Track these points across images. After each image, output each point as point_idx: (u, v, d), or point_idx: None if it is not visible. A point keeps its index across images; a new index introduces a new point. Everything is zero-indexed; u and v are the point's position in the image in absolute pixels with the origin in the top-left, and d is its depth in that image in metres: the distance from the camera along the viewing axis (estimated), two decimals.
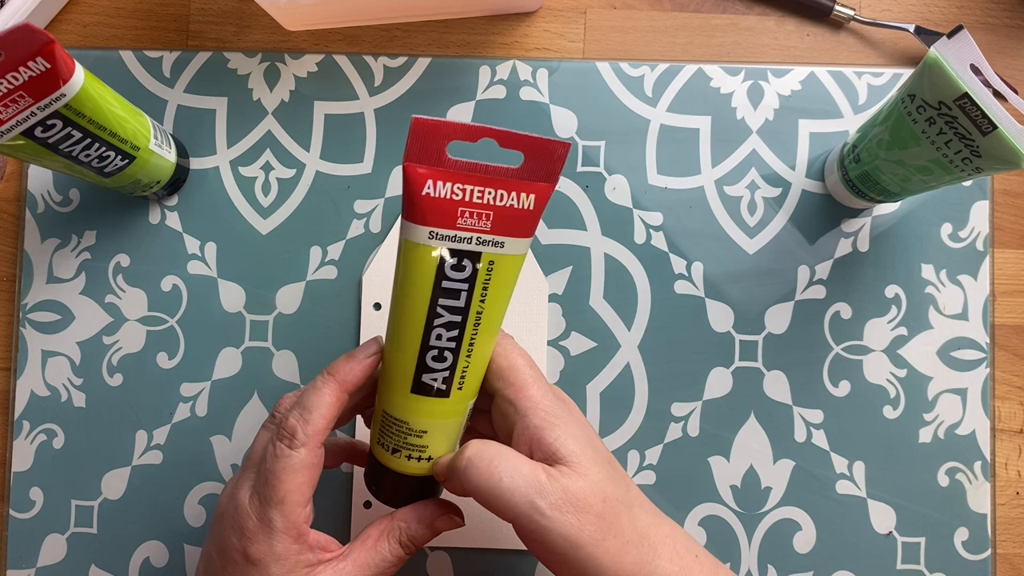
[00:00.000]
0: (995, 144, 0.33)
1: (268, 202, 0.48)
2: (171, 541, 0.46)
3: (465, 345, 0.32)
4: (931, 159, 0.37)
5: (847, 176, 0.43)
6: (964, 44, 0.33)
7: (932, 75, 0.34)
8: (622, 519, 0.32)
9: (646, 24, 0.49)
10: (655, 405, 0.46)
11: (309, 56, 0.49)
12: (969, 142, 0.34)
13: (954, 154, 0.35)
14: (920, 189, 0.40)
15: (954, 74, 0.33)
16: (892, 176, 0.40)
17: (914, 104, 0.35)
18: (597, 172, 0.48)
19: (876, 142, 0.39)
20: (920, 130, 0.36)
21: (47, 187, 0.48)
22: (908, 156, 0.38)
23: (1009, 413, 0.47)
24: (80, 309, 0.47)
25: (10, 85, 0.35)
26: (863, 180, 0.42)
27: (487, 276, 0.32)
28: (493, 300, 0.32)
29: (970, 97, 0.33)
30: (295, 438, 0.33)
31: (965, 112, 0.33)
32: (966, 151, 0.35)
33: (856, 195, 0.44)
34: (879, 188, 0.42)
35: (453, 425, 0.34)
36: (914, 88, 0.35)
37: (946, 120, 0.34)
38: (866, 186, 0.43)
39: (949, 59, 0.33)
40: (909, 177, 0.39)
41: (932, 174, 0.38)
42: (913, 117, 0.36)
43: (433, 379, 0.33)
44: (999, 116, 0.33)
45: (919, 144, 0.37)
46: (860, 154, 0.41)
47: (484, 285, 0.32)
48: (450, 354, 0.32)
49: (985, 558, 0.45)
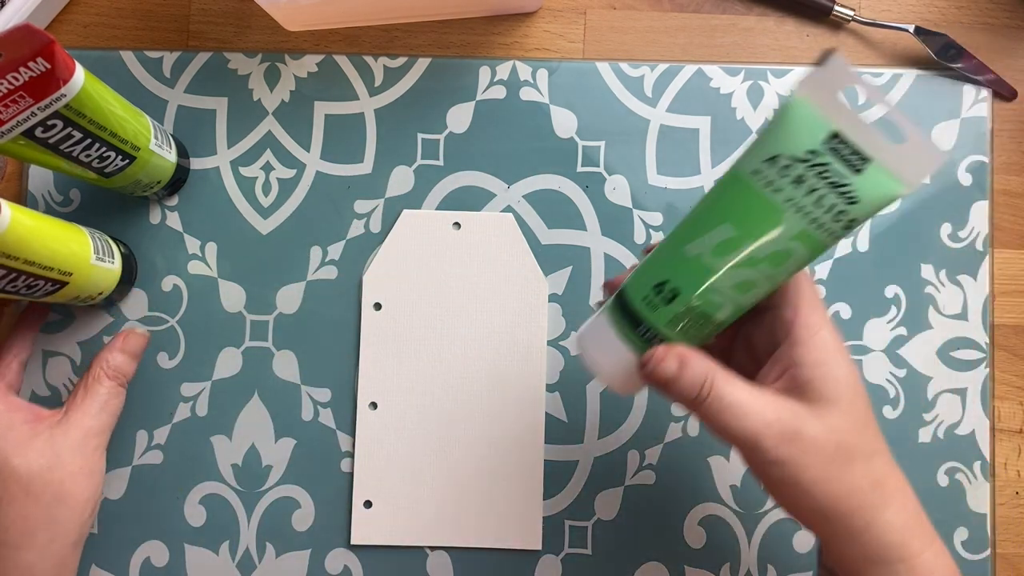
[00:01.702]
0: (871, 181, 0.29)
1: (268, 202, 0.48)
2: (171, 541, 0.46)
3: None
4: (796, 234, 0.30)
5: (651, 332, 0.32)
6: (835, 71, 0.29)
7: (799, 121, 0.29)
8: (856, 466, 0.31)
9: (646, 24, 0.49)
10: (655, 405, 0.46)
11: (309, 56, 0.49)
12: (843, 188, 0.29)
13: (825, 213, 0.29)
14: (752, 301, 0.32)
15: (821, 113, 0.29)
16: (733, 293, 0.31)
17: (776, 168, 0.29)
18: (597, 172, 0.48)
19: (714, 248, 0.31)
20: (784, 199, 0.29)
21: (47, 187, 0.48)
22: (765, 246, 0.30)
23: (1009, 413, 0.47)
24: (80, 309, 0.47)
25: (10, 85, 0.35)
26: (684, 325, 0.32)
27: None
28: None
29: (840, 136, 0.29)
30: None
31: (837, 154, 0.29)
32: (841, 201, 0.29)
33: (647, 342, 0.32)
34: (705, 325, 0.32)
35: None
36: (777, 147, 0.30)
37: (817, 172, 0.29)
38: (688, 332, 0.32)
39: (816, 95, 0.29)
40: (753, 282, 0.31)
41: (788, 259, 0.30)
42: (775, 186, 0.30)
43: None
44: (878, 146, 0.29)
45: (781, 221, 0.30)
46: (678, 286, 0.31)
47: None
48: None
49: (985, 558, 0.45)
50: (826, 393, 0.31)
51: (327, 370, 0.47)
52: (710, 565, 0.46)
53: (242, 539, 0.46)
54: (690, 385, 0.31)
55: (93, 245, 0.43)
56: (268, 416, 0.47)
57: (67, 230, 0.41)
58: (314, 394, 0.47)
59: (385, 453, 0.46)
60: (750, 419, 0.30)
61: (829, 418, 0.30)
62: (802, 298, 0.32)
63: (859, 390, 0.32)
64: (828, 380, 0.31)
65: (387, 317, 0.47)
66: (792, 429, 0.30)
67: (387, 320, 0.47)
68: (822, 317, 0.32)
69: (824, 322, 0.32)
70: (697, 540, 0.46)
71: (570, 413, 0.46)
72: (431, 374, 0.46)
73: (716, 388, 0.30)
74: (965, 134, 0.48)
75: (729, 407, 0.30)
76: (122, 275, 0.45)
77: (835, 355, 0.31)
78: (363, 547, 0.46)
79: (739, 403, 0.30)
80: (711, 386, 0.31)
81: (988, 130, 0.48)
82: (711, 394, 0.30)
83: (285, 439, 0.47)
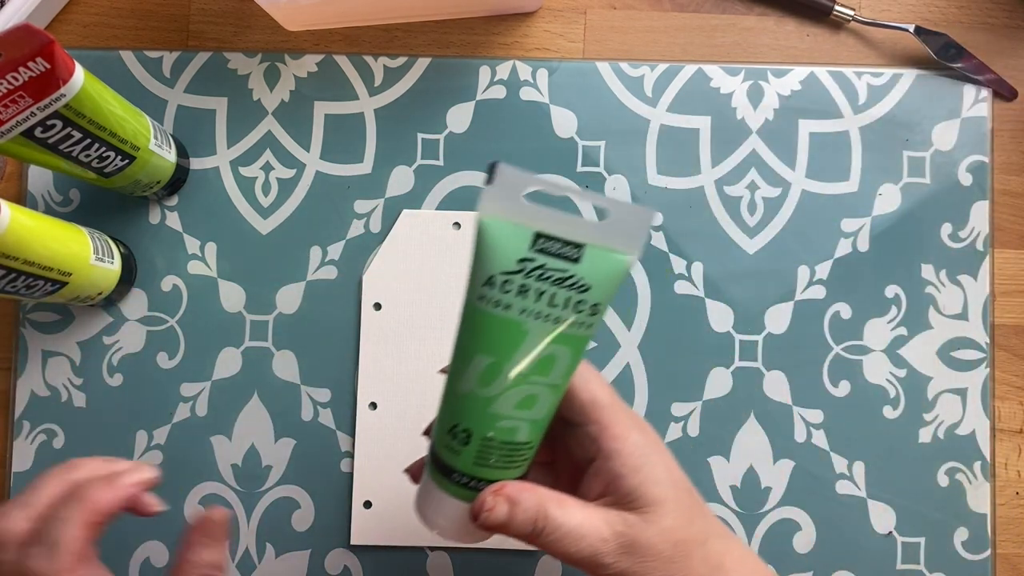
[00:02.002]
0: (593, 264, 0.28)
1: (268, 202, 0.48)
2: (171, 541, 0.46)
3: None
4: (548, 339, 0.29)
5: (465, 477, 0.31)
6: (508, 180, 0.28)
7: (496, 238, 0.29)
8: (694, 559, 0.31)
9: (646, 24, 0.49)
10: (655, 405, 0.46)
11: (309, 56, 0.49)
12: (569, 281, 0.29)
13: (564, 309, 0.29)
14: (547, 411, 0.31)
15: (515, 221, 0.28)
16: (520, 413, 0.30)
17: (496, 288, 0.29)
18: (597, 172, 0.48)
19: (479, 380, 0.30)
20: (519, 312, 0.29)
21: (47, 187, 0.48)
22: (524, 361, 0.30)
23: (1009, 413, 0.47)
24: (80, 309, 0.47)
25: (10, 85, 0.35)
26: (493, 459, 0.31)
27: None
28: None
29: (544, 235, 0.28)
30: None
31: (548, 252, 0.28)
32: (573, 293, 0.29)
33: (469, 489, 0.31)
34: (515, 450, 0.31)
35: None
36: (489, 268, 0.29)
37: (536, 276, 0.28)
38: (502, 463, 0.31)
39: (501, 207, 0.28)
40: (534, 396, 0.30)
41: (554, 363, 0.30)
42: (504, 303, 0.29)
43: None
44: (584, 230, 0.28)
45: (526, 333, 0.29)
46: (468, 426, 0.31)
47: None
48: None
49: (985, 558, 0.45)
50: (650, 497, 0.31)
51: (327, 370, 0.47)
52: None
53: (242, 539, 0.46)
54: (524, 523, 0.31)
55: (93, 245, 0.43)
56: (268, 416, 0.47)
57: (67, 230, 0.41)
58: (314, 394, 0.47)
59: (385, 453, 0.46)
60: (587, 540, 0.31)
61: (660, 521, 0.31)
62: (601, 410, 0.32)
63: (680, 482, 0.33)
64: (649, 484, 0.31)
65: (387, 317, 0.47)
66: (628, 541, 0.31)
67: (387, 320, 0.47)
68: (626, 421, 0.33)
69: (631, 425, 0.32)
70: None
71: None
72: (431, 374, 0.46)
73: (550, 519, 0.31)
74: (965, 134, 0.48)
75: (567, 534, 0.31)
76: (122, 275, 0.45)
77: (649, 457, 0.32)
78: (363, 547, 0.46)
79: (574, 527, 0.31)
80: (545, 518, 0.31)
81: (988, 130, 0.48)
82: (546, 525, 0.31)
83: (285, 439, 0.47)
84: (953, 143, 0.48)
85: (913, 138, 0.48)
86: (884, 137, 0.48)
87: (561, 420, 0.34)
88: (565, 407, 0.33)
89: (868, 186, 0.47)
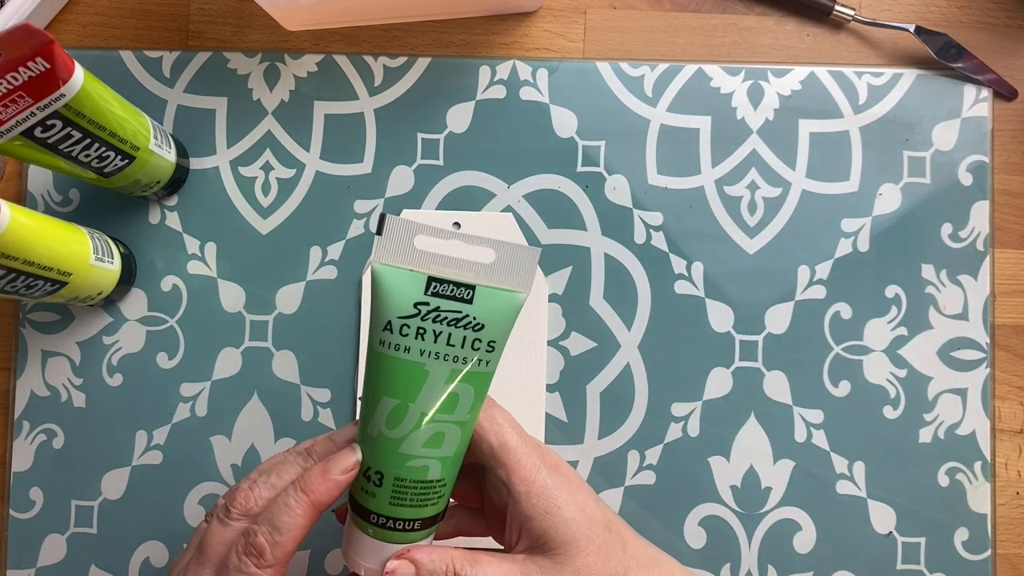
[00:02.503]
0: (485, 303, 0.30)
1: (268, 202, 0.48)
2: (171, 541, 0.46)
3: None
4: (448, 378, 0.31)
5: (382, 518, 0.32)
6: (398, 230, 0.30)
7: (390, 285, 0.30)
8: None
9: (646, 24, 0.49)
10: (655, 405, 0.46)
11: (309, 56, 0.49)
12: (464, 320, 0.30)
13: (462, 348, 0.30)
14: (456, 448, 0.32)
15: (408, 267, 0.30)
16: (428, 451, 0.31)
17: (395, 332, 0.30)
18: (597, 172, 0.48)
19: (387, 422, 0.31)
20: (418, 353, 0.30)
21: (47, 187, 0.48)
22: (428, 401, 0.31)
23: (1009, 413, 0.47)
24: (80, 309, 0.47)
25: (10, 85, 0.35)
26: (407, 498, 0.32)
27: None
28: None
29: (435, 279, 0.29)
30: (263, 557, 0.31)
31: (442, 295, 0.30)
32: (469, 332, 0.30)
33: (387, 529, 0.32)
34: (428, 488, 0.32)
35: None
36: (386, 314, 0.30)
37: (432, 317, 0.30)
38: (417, 501, 0.32)
39: (395, 256, 0.30)
40: (441, 434, 0.31)
41: (458, 401, 0.31)
42: (404, 345, 0.30)
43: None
44: (475, 271, 0.29)
45: (427, 374, 0.30)
46: (380, 468, 0.32)
47: None
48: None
49: (985, 558, 0.45)
50: (560, 538, 0.32)
51: (327, 370, 0.47)
52: (710, 565, 0.46)
53: None
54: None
55: (92, 245, 0.43)
56: (268, 416, 0.47)
57: (66, 230, 0.41)
58: (314, 394, 0.47)
59: None
60: None
61: (572, 561, 0.31)
62: (508, 453, 0.33)
63: (595, 519, 0.32)
64: (559, 526, 0.32)
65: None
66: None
67: None
68: (534, 463, 0.33)
69: (539, 466, 0.33)
70: (697, 540, 0.46)
71: (570, 413, 0.46)
72: None
73: (463, 575, 0.31)
74: (965, 134, 0.48)
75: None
76: (121, 275, 0.45)
77: (558, 498, 0.32)
78: None
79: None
80: (455, 575, 0.31)
81: (989, 130, 0.48)
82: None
83: (285, 439, 0.47)
84: (953, 143, 0.48)
85: (913, 138, 0.48)
86: (884, 137, 0.48)
87: (477, 465, 0.34)
88: (475, 451, 0.33)
89: (868, 186, 0.47)
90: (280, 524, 0.31)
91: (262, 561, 0.31)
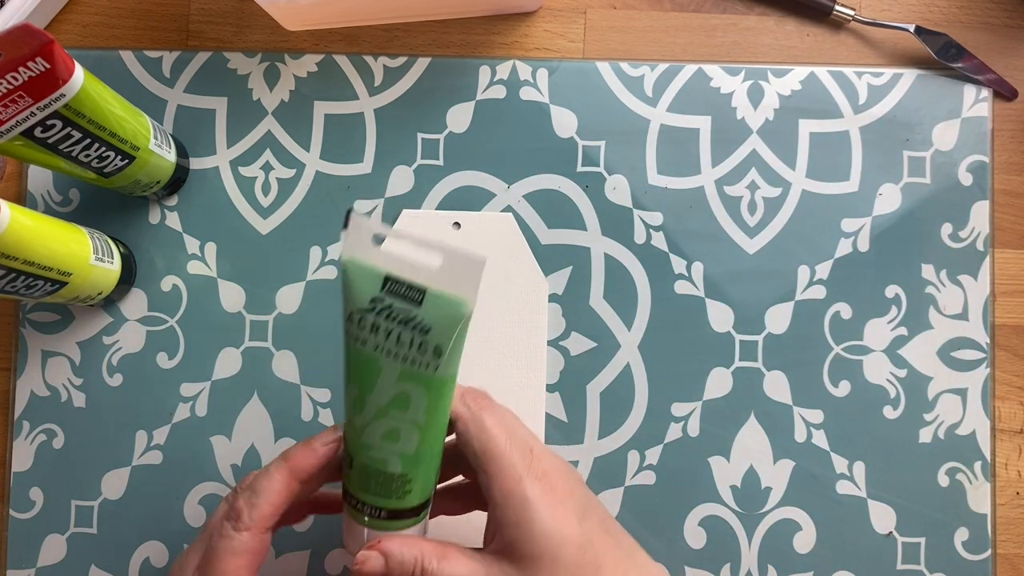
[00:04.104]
0: (433, 307, 0.30)
1: (268, 202, 0.48)
2: (171, 541, 0.46)
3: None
4: (399, 376, 0.31)
5: (360, 502, 0.33)
6: (362, 227, 0.31)
7: (354, 278, 0.31)
8: None
9: (646, 24, 0.49)
10: (655, 405, 0.46)
11: (309, 56, 0.49)
12: (413, 322, 0.31)
13: (410, 349, 0.31)
14: (414, 447, 0.33)
15: (369, 264, 0.30)
16: (385, 444, 0.32)
17: (355, 323, 0.31)
18: (597, 172, 0.48)
19: (351, 408, 0.33)
20: (373, 347, 0.31)
21: (47, 187, 0.48)
22: (381, 395, 0.32)
23: (1009, 413, 0.47)
24: (80, 309, 0.47)
25: (10, 85, 0.35)
26: (373, 486, 0.33)
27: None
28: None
29: (391, 277, 0.30)
30: (240, 520, 0.33)
31: (396, 294, 0.30)
32: (416, 334, 0.31)
33: (357, 510, 0.34)
34: (389, 482, 0.33)
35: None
36: (349, 305, 0.31)
37: (385, 315, 0.31)
38: (382, 492, 0.33)
39: (359, 251, 0.31)
40: (396, 430, 0.32)
41: (410, 402, 0.32)
42: (362, 338, 0.31)
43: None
44: (428, 276, 0.30)
45: (380, 368, 0.31)
46: (349, 451, 0.33)
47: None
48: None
49: (985, 558, 0.45)
50: (528, 552, 0.32)
51: (327, 370, 0.47)
52: (710, 565, 0.46)
53: None
54: (402, 574, 0.32)
55: (92, 245, 0.43)
56: (268, 416, 0.47)
57: (66, 230, 0.41)
58: (314, 394, 0.47)
59: None
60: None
61: (545, 571, 0.31)
62: (491, 461, 0.33)
63: (567, 538, 0.32)
64: (528, 540, 0.32)
65: None
66: None
67: None
68: (518, 473, 0.33)
69: (521, 477, 0.32)
70: (697, 540, 0.46)
71: (570, 413, 0.46)
72: None
73: (430, 570, 0.32)
74: (965, 134, 0.48)
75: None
76: (121, 275, 0.45)
77: (533, 512, 0.32)
78: None
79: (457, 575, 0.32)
80: (422, 569, 0.32)
81: (989, 130, 0.48)
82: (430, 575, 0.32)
83: (285, 439, 0.47)
84: (953, 143, 0.48)
85: (913, 138, 0.48)
86: (884, 137, 0.48)
87: (470, 470, 0.35)
88: (465, 453, 0.34)
89: (868, 186, 0.47)
90: (258, 487, 0.33)
91: (239, 524, 0.32)
